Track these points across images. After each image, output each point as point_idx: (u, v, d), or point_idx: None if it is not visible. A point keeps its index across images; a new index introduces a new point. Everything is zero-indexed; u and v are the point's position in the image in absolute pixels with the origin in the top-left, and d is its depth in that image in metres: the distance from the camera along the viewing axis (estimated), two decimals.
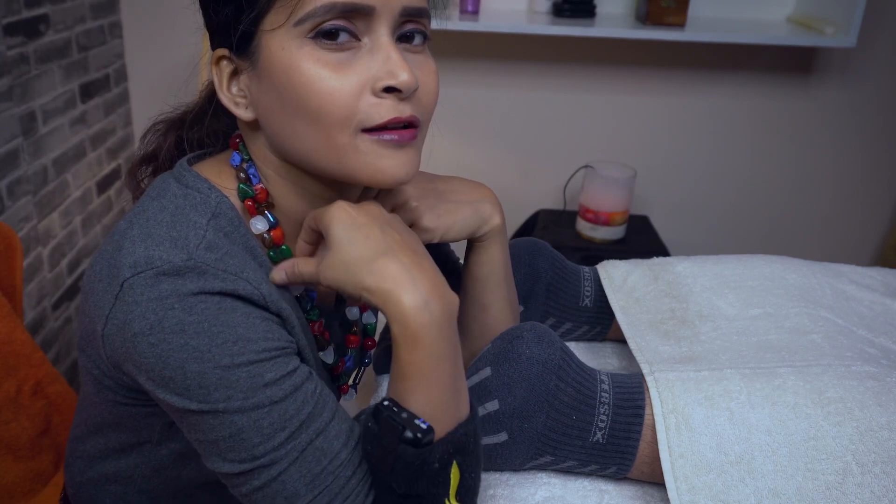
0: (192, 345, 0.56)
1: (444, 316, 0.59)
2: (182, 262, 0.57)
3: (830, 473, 0.73)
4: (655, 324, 0.97)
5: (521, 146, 1.96)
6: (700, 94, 1.91)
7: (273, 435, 0.58)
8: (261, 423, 0.57)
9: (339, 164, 0.61)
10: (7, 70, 1.30)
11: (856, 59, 1.88)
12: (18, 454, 0.99)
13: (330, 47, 0.58)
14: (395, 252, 0.60)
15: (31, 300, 1.41)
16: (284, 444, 0.58)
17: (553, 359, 0.77)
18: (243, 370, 0.57)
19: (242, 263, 0.60)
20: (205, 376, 0.56)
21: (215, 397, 0.56)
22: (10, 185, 1.32)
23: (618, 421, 0.77)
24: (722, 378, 0.80)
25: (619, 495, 0.79)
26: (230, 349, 0.56)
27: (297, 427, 0.58)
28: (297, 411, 0.59)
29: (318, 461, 0.59)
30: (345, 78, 0.58)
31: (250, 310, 0.59)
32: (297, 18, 0.57)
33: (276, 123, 0.62)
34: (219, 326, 0.56)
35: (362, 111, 0.59)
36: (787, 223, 2.06)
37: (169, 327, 0.55)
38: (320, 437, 0.59)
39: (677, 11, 1.68)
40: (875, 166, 2.00)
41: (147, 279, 0.56)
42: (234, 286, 0.58)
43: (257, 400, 0.57)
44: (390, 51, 0.59)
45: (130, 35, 1.80)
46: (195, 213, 0.61)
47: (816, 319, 0.95)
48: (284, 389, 0.58)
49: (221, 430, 0.57)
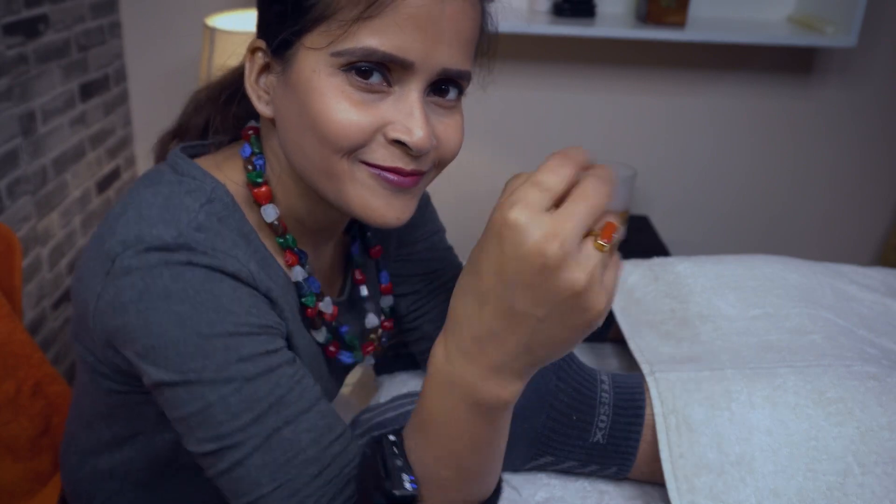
0: (175, 310, 0.56)
1: (465, 391, 0.51)
2: (172, 239, 0.58)
3: (831, 474, 0.73)
4: (655, 324, 0.97)
5: (521, 146, 1.96)
6: (700, 94, 1.91)
7: (240, 414, 0.57)
8: (229, 399, 0.56)
9: (335, 190, 0.61)
10: (6, 70, 1.30)
11: (856, 59, 1.87)
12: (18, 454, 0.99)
13: (359, 86, 0.58)
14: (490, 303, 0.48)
15: (30, 300, 1.41)
16: (250, 425, 0.57)
17: None
18: (220, 340, 0.56)
19: (232, 244, 0.61)
20: (183, 343, 0.56)
21: (189, 367, 0.56)
22: (9, 184, 1.32)
23: (618, 421, 0.77)
24: (722, 378, 0.80)
25: (619, 495, 0.79)
26: (210, 317, 0.56)
27: (266, 410, 0.57)
28: (268, 393, 0.57)
29: (283, 451, 0.58)
30: (363, 116, 0.58)
31: (237, 285, 0.59)
32: (336, 50, 0.57)
33: (288, 132, 0.62)
34: (203, 295, 0.57)
35: (368, 148, 0.59)
36: (787, 223, 2.06)
37: (156, 293, 0.56)
38: (289, 426, 0.58)
39: (677, 11, 1.68)
40: (875, 166, 1.99)
41: (137, 252, 0.57)
42: (223, 263, 0.59)
43: (230, 373, 0.56)
44: (415, 107, 0.58)
45: (130, 35, 1.80)
46: (189, 199, 0.62)
47: (817, 320, 0.95)
48: (259, 367, 0.57)
49: (192, 404, 0.57)
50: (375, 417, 0.85)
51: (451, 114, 0.63)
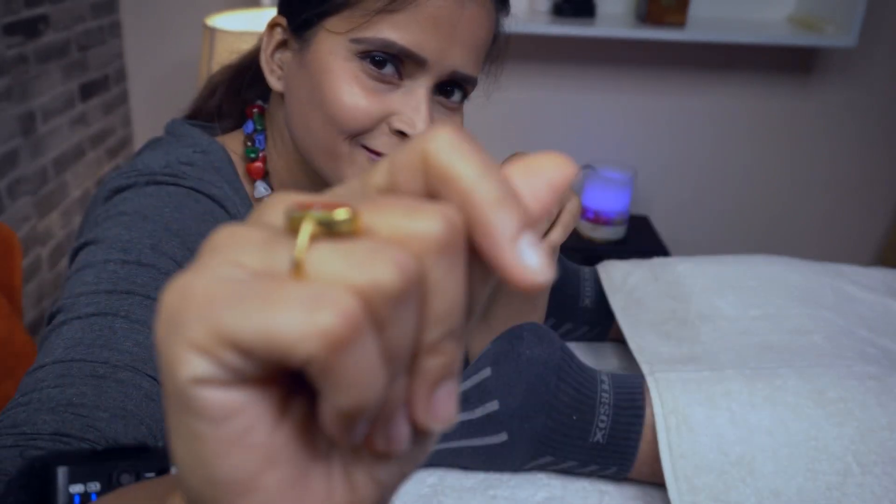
0: (147, 203, 0.58)
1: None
2: (159, 168, 0.61)
3: (831, 474, 0.73)
4: (656, 324, 0.97)
5: (521, 146, 1.96)
6: (700, 94, 1.91)
7: (97, 284, 0.53)
8: (100, 266, 0.54)
9: (333, 169, 0.63)
10: (6, 70, 1.30)
11: (856, 59, 1.87)
12: None
13: (372, 74, 0.60)
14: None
15: (30, 300, 1.41)
16: (84, 297, 0.52)
17: (553, 359, 0.76)
18: (150, 225, 0.57)
19: (219, 183, 0.64)
20: (122, 217, 0.58)
21: (100, 230, 0.57)
22: (9, 185, 1.32)
23: (618, 421, 0.77)
24: (723, 378, 0.80)
25: (619, 496, 0.79)
26: (174, 216, 0.58)
27: (108, 291, 0.52)
28: (131, 286, 0.52)
29: (86, 332, 0.50)
30: (371, 103, 0.60)
31: (215, 206, 0.62)
32: (356, 37, 0.59)
33: (296, 108, 0.64)
34: (174, 201, 0.59)
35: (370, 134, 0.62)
36: (787, 223, 2.06)
37: (141, 199, 0.59)
38: (114, 319, 0.51)
39: (677, 11, 1.68)
40: (875, 166, 1.99)
41: (127, 177, 0.61)
42: (208, 188, 0.62)
43: (138, 253, 0.55)
44: (422, 102, 0.61)
45: (130, 35, 1.80)
46: (183, 147, 0.65)
47: (817, 320, 0.95)
48: (166, 265, 0.55)
49: (77, 265, 0.56)
50: None
51: (452, 116, 0.65)
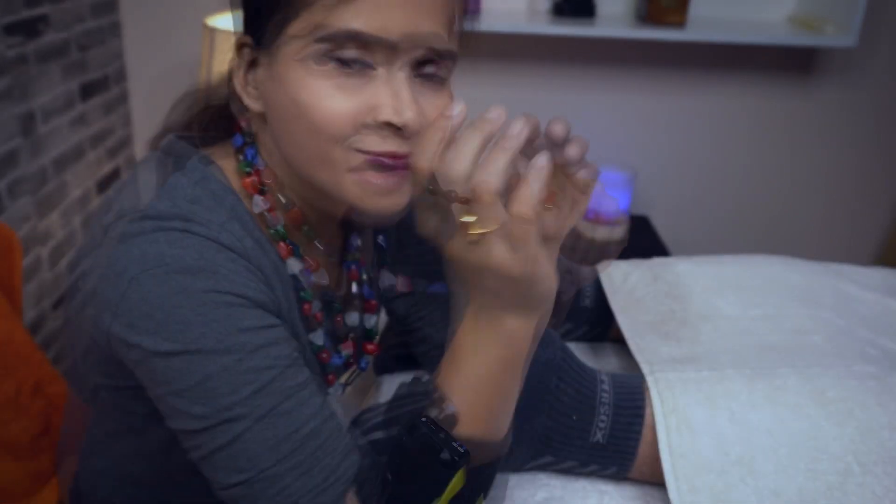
0: (173, 277, 0.55)
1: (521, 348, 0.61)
2: (167, 209, 0.58)
3: (831, 474, 0.73)
4: (656, 324, 0.97)
5: None
6: (700, 94, 1.91)
7: (240, 387, 0.56)
8: (231, 370, 0.56)
9: (330, 178, 0.61)
10: (6, 70, 1.30)
11: (856, 59, 1.87)
12: (18, 454, 0.99)
13: (345, 70, 0.58)
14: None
15: (30, 300, 1.41)
16: (251, 398, 0.56)
17: (553, 359, 0.76)
18: (221, 310, 0.56)
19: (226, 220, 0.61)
20: (181, 311, 0.55)
21: (188, 336, 0.55)
22: (9, 185, 1.32)
23: (618, 421, 0.77)
24: (723, 378, 0.80)
25: (619, 496, 0.79)
26: (209, 285, 0.56)
27: (267, 382, 0.57)
28: (269, 366, 0.57)
29: (285, 425, 0.57)
30: (351, 101, 0.58)
31: (234, 256, 0.59)
32: (319, 36, 0.57)
33: (279, 124, 0.62)
34: (201, 262, 0.56)
35: (359, 135, 0.59)
36: (787, 223, 2.06)
37: (152, 258, 0.56)
38: (290, 400, 0.58)
39: (677, 11, 1.68)
40: (875, 166, 1.99)
41: (131, 221, 0.58)
42: (218, 234, 0.59)
43: (230, 344, 0.56)
44: (402, 87, 0.58)
45: (130, 35, 1.80)
46: (183, 178, 0.62)
47: (817, 320, 0.95)
48: (259, 340, 0.57)
49: (190, 376, 0.56)
50: (375, 417, 0.85)
51: (438, 96, 0.62)
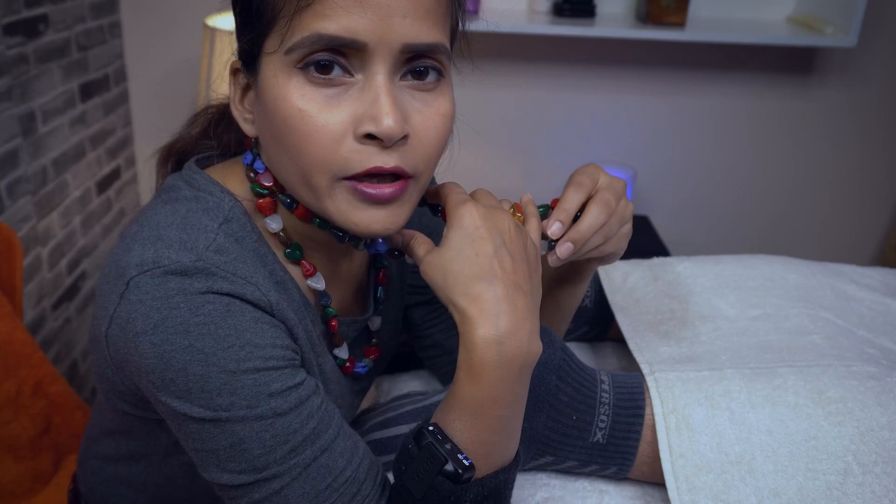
0: (197, 346, 0.54)
1: (514, 361, 0.57)
2: (191, 263, 0.55)
3: (831, 473, 0.73)
4: (655, 324, 0.97)
5: (521, 146, 1.96)
6: (700, 94, 1.91)
7: (276, 448, 0.56)
8: (264, 434, 0.56)
9: (318, 204, 0.58)
10: (6, 70, 1.30)
11: (856, 59, 1.87)
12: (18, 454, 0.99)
13: (319, 81, 0.54)
14: (495, 280, 0.57)
15: (30, 300, 1.41)
16: (287, 457, 0.57)
17: (553, 359, 0.76)
18: (249, 377, 0.55)
19: (252, 269, 0.59)
20: (208, 380, 0.54)
21: (218, 403, 0.55)
22: (9, 185, 1.32)
23: (618, 421, 0.77)
24: (722, 378, 0.80)
25: (619, 495, 0.79)
26: (237, 354, 0.55)
27: (301, 441, 0.57)
28: (302, 425, 0.57)
29: (322, 478, 0.58)
30: (329, 116, 0.54)
31: (259, 314, 0.57)
32: (287, 47, 0.54)
33: (268, 146, 0.60)
34: (226, 329, 0.55)
35: (341, 158, 0.55)
36: (787, 223, 2.06)
37: (173, 327, 0.54)
38: (325, 454, 0.58)
39: (677, 11, 1.68)
40: (875, 166, 2.00)
41: (153, 277, 0.55)
42: (243, 289, 0.56)
43: (261, 410, 0.55)
44: (380, 92, 0.53)
45: (130, 35, 1.80)
46: (206, 217, 0.60)
47: (816, 320, 0.95)
48: (289, 402, 0.57)
49: (222, 439, 0.56)
50: (375, 417, 0.85)
51: (432, 100, 0.57)
